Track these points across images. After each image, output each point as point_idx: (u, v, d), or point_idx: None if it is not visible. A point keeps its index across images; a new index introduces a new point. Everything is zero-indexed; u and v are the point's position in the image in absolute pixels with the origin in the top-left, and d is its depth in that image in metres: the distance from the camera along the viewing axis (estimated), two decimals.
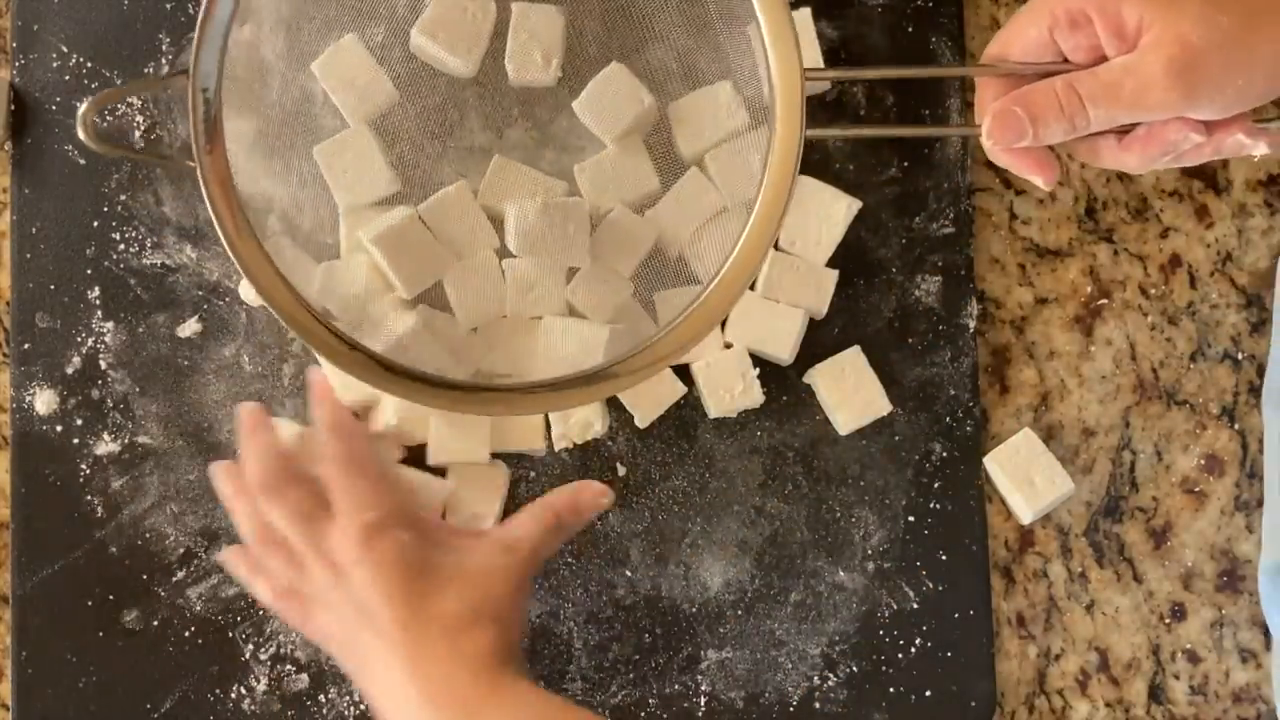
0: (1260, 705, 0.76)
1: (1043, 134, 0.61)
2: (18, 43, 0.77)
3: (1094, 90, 0.60)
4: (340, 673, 0.75)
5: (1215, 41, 0.58)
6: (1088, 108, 0.60)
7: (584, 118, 0.74)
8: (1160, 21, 0.58)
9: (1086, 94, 0.60)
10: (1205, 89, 0.58)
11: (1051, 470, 0.75)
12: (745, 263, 0.66)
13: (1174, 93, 0.58)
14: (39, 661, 0.75)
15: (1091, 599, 0.77)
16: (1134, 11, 0.59)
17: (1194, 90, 0.58)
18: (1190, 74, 0.58)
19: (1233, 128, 0.61)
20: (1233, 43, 0.58)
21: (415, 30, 0.73)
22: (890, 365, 0.76)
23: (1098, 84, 0.60)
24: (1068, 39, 0.61)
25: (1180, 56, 0.58)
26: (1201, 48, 0.58)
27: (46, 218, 0.77)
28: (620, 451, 0.76)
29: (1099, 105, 0.60)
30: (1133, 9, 0.59)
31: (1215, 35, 0.58)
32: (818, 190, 0.75)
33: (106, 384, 0.76)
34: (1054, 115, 0.61)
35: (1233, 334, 0.78)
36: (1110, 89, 0.59)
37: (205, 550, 0.75)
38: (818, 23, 0.76)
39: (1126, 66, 0.59)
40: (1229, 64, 0.58)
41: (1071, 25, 0.61)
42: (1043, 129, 0.61)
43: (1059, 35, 0.61)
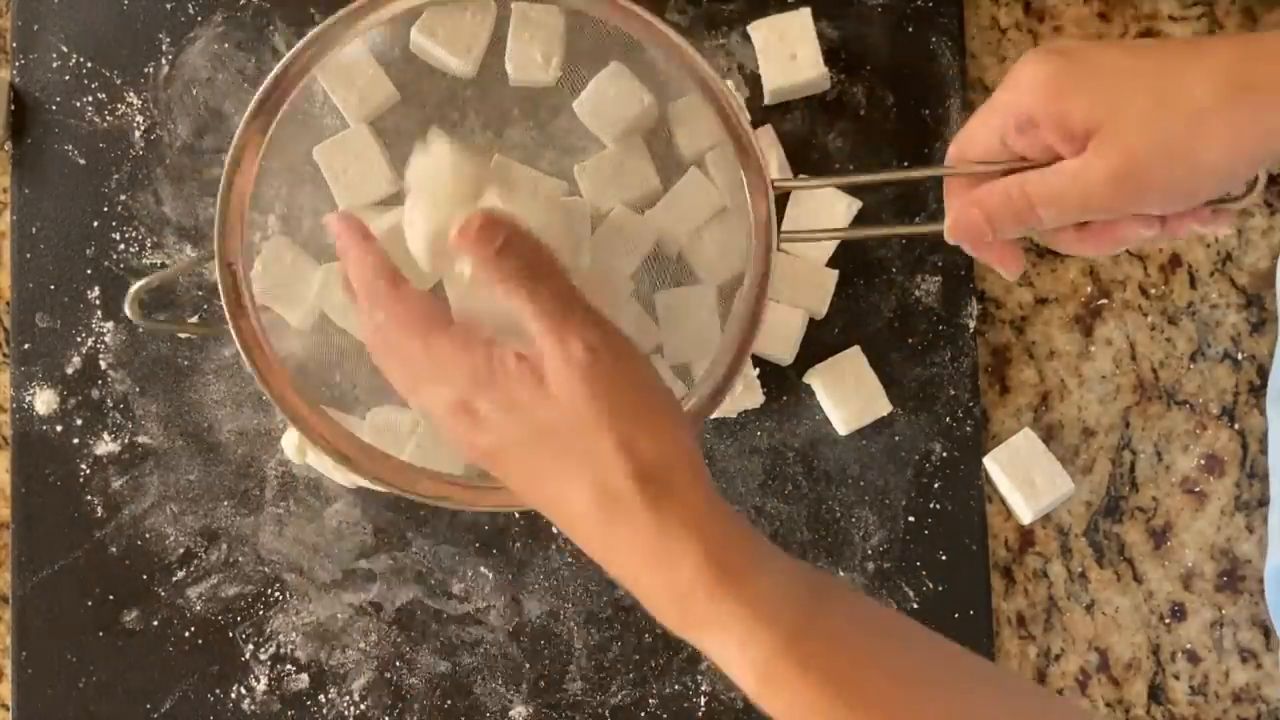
0: (1260, 705, 0.76)
1: (1000, 233, 0.62)
2: (18, 43, 0.78)
3: (1042, 193, 0.61)
4: (340, 672, 0.75)
5: (1160, 151, 0.58)
6: (1038, 209, 0.61)
7: (584, 118, 0.74)
8: (1106, 126, 0.58)
9: (1036, 196, 0.61)
10: (1149, 193, 0.59)
11: (1051, 470, 0.75)
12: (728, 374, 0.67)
13: (1118, 198, 0.59)
14: (39, 661, 0.75)
15: (1091, 599, 0.77)
16: (1080, 115, 0.59)
17: (1138, 195, 0.59)
18: (1133, 181, 0.58)
19: (1185, 220, 0.61)
20: (1179, 151, 0.58)
21: (415, 30, 0.73)
22: (890, 365, 0.76)
23: (1045, 187, 0.61)
24: (1018, 141, 0.62)
25: (1123, 166, 0.58)
26: (1145, 159, 0.58)
27: (46, 218, 0.77)
28: None
29: (1048, 207, 0.61)
30: (1079, 112, 0.59)
31: (1160, 144, 0.58)
32: (818, 190, 0.75)
33: (106, 384, 0.76)
34: (1008, 217, 0.62)
35: (1233, 334, 0.78)
36: (1057, 193, 0.60)
37: (205, 550, 0.75)
38: (818, 23, 0.76)
39: (1073, 171, 0.60)
40: (1172, 169, 0.58)
41: (1019, 130, 0.61)
42: (999, 228, 0.62)
43: (1009, 139, 0.62)
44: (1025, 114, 0.61)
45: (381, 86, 0.74)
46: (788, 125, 0.77)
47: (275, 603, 0.75)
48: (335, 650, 0.75)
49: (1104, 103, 0.59)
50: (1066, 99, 0.59)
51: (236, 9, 0.78)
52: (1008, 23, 0.79)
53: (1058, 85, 0.60)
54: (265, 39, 0.78)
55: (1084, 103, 0.59)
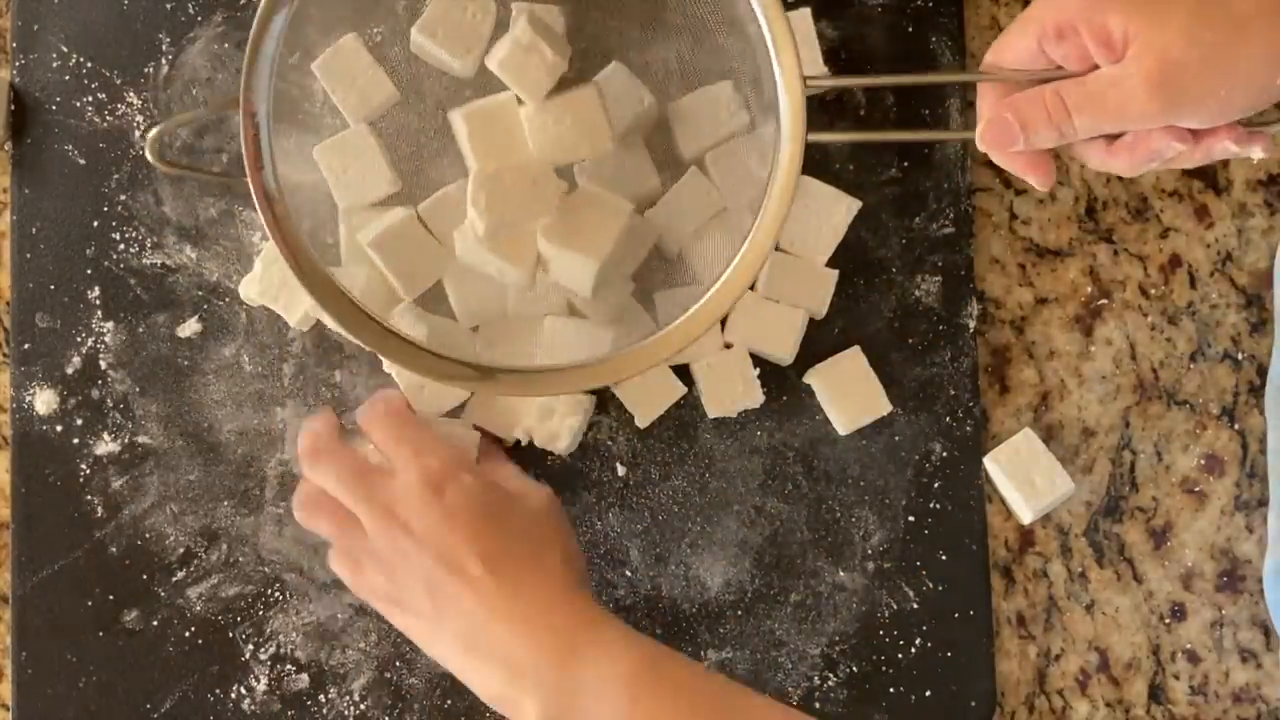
0: (1260, 705, 0.76)
1: (1033, 140, 0.63)
2: (18, 43, 0.77)
3: (1079, 100, 0.61)
4: (340, 672, 0.75)
5: (1197, 56, 0.58)
6: (1074, 117, 0.61)
7: None
8: (1144, 34, 0.59)
9: (1072, 104, 0.61)
10: (1186, 102, 0.59)
11: (1051, 470, 0.75)
12: (749, 264, 0.68)
13: (1154, 105, 0.59)
14: (39, 661, 0.75)
15: (1091, 599, 0.77)
16: (1119, 23, 0.60)
17: (1175, 103, 0.59)
18: (1170, 88, 0.59)
19: (1220, 135, 0.62)
20: (1215, 57, 0.58)
21: (415, 30, 0.73)
22: (890, 365, 0.76)
23: (1083, 94, 0.61)
24: (1056, 49, 0.62)
25: (1160, 70, 0.59)
26: (1183, 62, 0.58)
27: (46, 218, 0.77)
28: (620, 451, 0.76)
29: (1084, 115, 0.61)
30: (1118, 20, 0.60)
31: (1197, 50, 0.58)
32: (818, 190, 0.75)
33: (106, 384, 0.76)
34: (1043, 123, 0.62)
35: (1233, 334, 0.78)
36: (1094, 100, 0.61)
37: (205, 550, 0.75)
38: (818, 23, 0.76)
39: (1110, 78, 0.60)
40: (1210, 78, 0.59)
41: (1059, 36, 0.62)
42: (1032, 135, 0.63)
43: (1047, 46, 0.63)
44: (1065, 20, 0.61)
45: (381, 86, 0.74)
46: None
47: (275, 603, 0.75)
48: (335, 650, 0.75)
49: (1144, 10, 0.59)
50: (1106, 6, 0.60)
51: (236, 9, 0.78)
52: (1007, 22, 0.79)
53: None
54: None
55: (1124, 10, 0.59)
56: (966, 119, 0.77)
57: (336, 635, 0.75)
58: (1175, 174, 0.79)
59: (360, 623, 0.75)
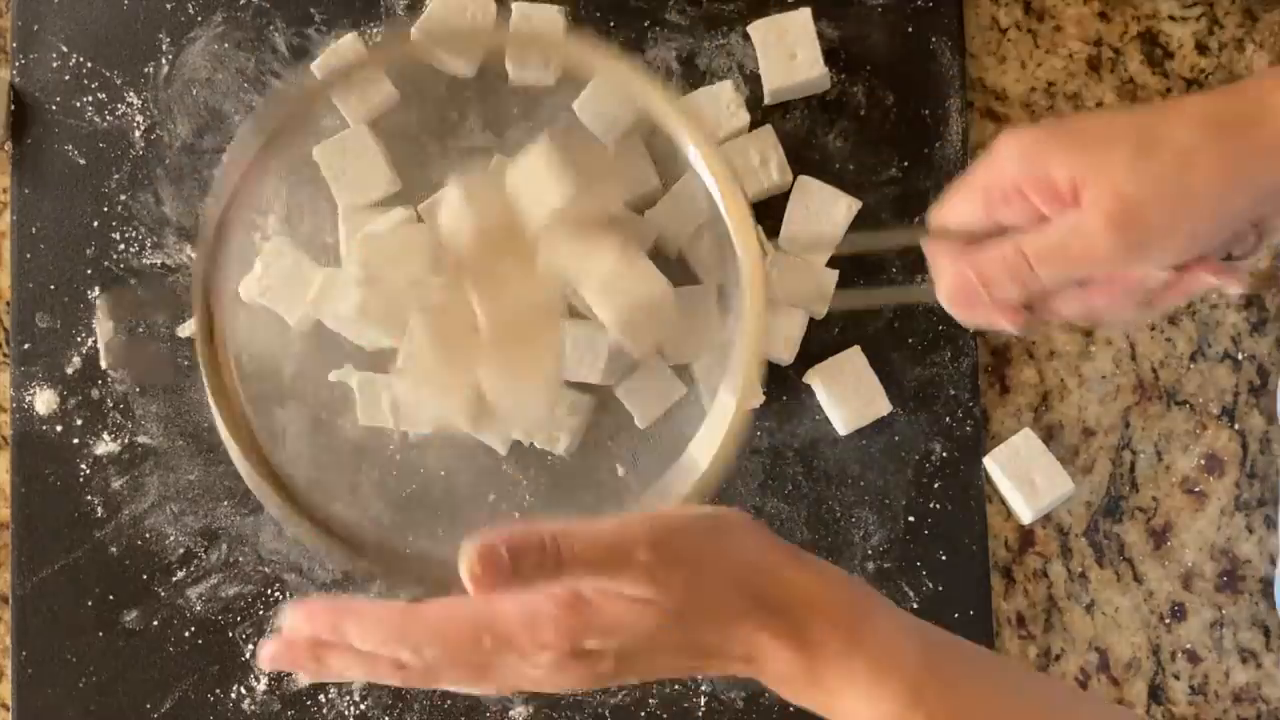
0: (1260, 705, 0.76)
1: (998, 296, 0.61)
2: (18, 43, 0.78)
3: (1041, 251, 0.59)
4: None
5: (1151, 189, 0.57)
6: (1037, 269, 0.59)
7: (584, 118, 0.74)
8: (1093, 176, 0.57)
9: (1034, 256, 0.59)
10: (1152, 239, 0.57)
11: (1051, 470, 0.75)
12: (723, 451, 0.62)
13: (1120, 247, 0.57)
14: (39, 661, 0.75)
15: (1091, 599, 0.77)
16: (1063, 172, 0.58)
17: (1140, 242, 0.57)
18: (1132, 227, 0.57)
19: (1196, 270, 0.60)
20: (1169, 188, 0.57)
21: (415, 30, 0.73)
22: (890, 365, 0.76)
23: (1045, 245, 0.59)
24: (1004, 212, 0.61)
25: (1120, 211, 0.57)
26: (1139, 199, 0.57)
27: (46, 218, 0.77)
28: (620, 451, 0.76)
29: (1048, 265, 0.59)
30: (1061, 170, 0.58)
31: (1149, 182, 0.57)
32: (818, 190, 0.75)
33: (106, 384, 0.76)
34: (1005, 280, 0.60)
35: (1233, 334, 0.78)
36: (1057, 250, 0.59)
37: (205, 550, 0.75)
38: (818, 23, 0.76)
39: (1072, 226, 0.58)
40: (1170, 210, 0.57)
41: (1004, 200, 0.60)
42: (996, 291, 0.61)
43: (995, 211, 0.61)
44: (1009, 183, 0.60)
45: (381, 86, 0.74)
46: (788, 125, 0.77)
47: (275, 603, 0.75)
48: None
49: (1086, 155, 0.58)
50: (1047, 160, 0.58)
51: (236, 9, 0.78)
52: (1008, 23, 0.79)
53: (1036, 150, 0.59)
54: (265, 39, 0.78)
55: (1066, 159, 0.58)
56: (966, 119, 0.77)
57: None
58: None
59: None
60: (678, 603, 0.54)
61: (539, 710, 0.75)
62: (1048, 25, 0.79)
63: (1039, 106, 0.79)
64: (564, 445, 0.74)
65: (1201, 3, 0.79)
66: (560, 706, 0.75)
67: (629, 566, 0.53)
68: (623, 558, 0.53)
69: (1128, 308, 0.62)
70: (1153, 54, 0.79)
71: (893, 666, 0.54)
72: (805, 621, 0.55)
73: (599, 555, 0.53)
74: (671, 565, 0.53)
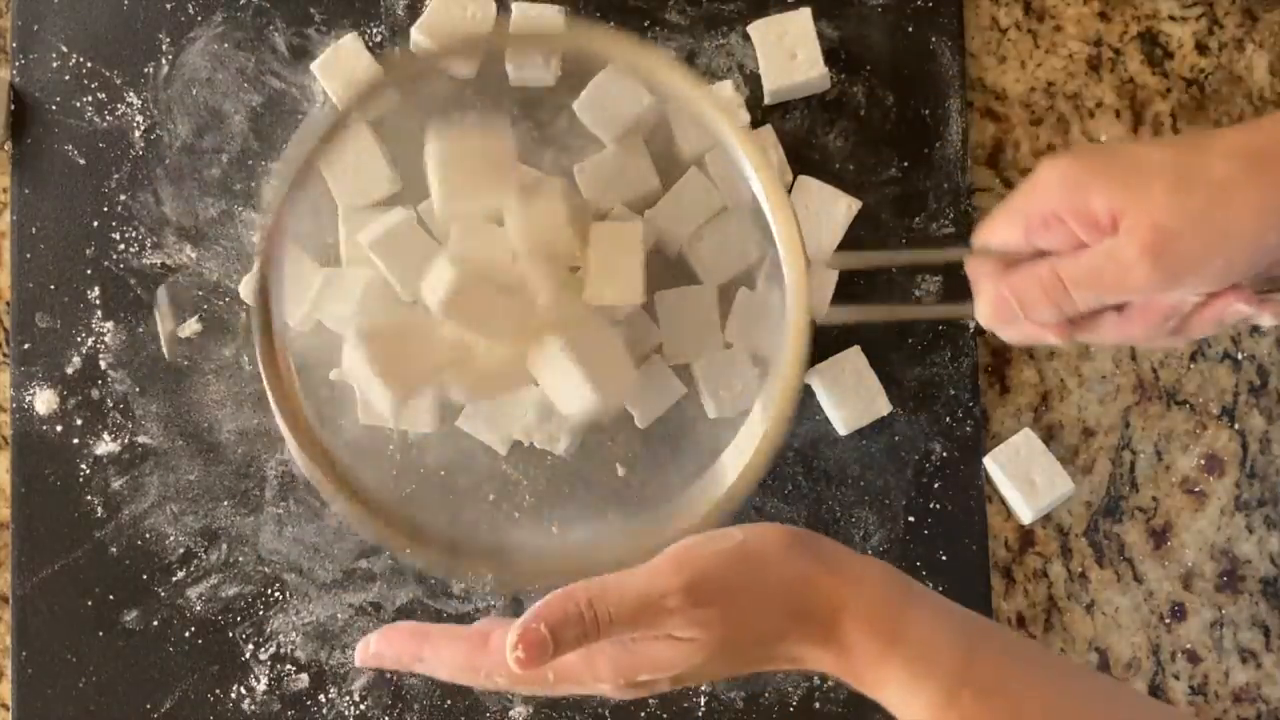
0: (1260, 705, 0.76)
1: (1032, 317, 0.63)
2: (18, 43, 0.78)
3: (1077, 276, 0.61)
4: (340, 672, 0.75)
5: (1187, 223, 0.58)
6: (1072, 292, 0.61)
7: (584, 118, 0.74)
8: (1132, 207, 0.59)
9: (1070, 279, 0.61)
10: (1186, 269, 0.59)
11: (1051, 470, 0.75)
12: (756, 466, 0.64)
13: (1156, 274, 0.59)
14: (39, 661, 0.75)
15: (1091, 599, 0.77)
16: (1103, 203, 0.59)
17: (1174, 272, 0.59)
18: (1167, 256, 0.58)
19: (1228, 298, 0.61)
20: (1205, 222, 0.58)
21: (415, 30, 0.73)
22: (890, 365, 0.76)
23: (1080, 269, 0.61)
24: (1043, 238, 0.62)
25: (1155, 241, 0.58)
26: (1175, 229, 0.58)
27: (46, 218, 0.77)
28: (620, 451, 0.76)
29: (1083, 290, 0.61)
30: (1101, 201, 0.60)
31: (1186, 216, 0.58)
32: (818, 190, 0.75)
33: (106, 384, 0.76)
34: (1041, 301, 0.62)
35: (1233, 334, 0.78)
36: (1093, 274, 0.60)
37: (205, 550, 0.75)
38: (818, 23, 0.76)
39: (1107, 251, 0.60)
40: (1205, 243, 0.58)
41: (1044, 226, 0.62)
42: (1031, 312, 0.62)
43: (1034, 236, 0.62)
44: (1048, 211, 0.61)
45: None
46: (788, 125, 0.77)
47: (275, 603, 0.75)
48: (335, 650, 0.75)
49: (1126, 188, 0.59)
50: (1087, 190, 0.60)
51: (236, 9, 0.78)
52: (1008, 23, 0.79)
53: (1076, 179, 0.61)
54: (265, 39, 0.78)
55: (1105, 191, 0.60)
56: (966, 119, 0.77)
57: (336, 635, 0.75)
58: None
59: (360, 623, 0.75)
60: (718, 635, 0.57)
61: (539, 710, 0.75)
62: (1048, 25, 0.79)
63: (1039, 106, 0.79)
64: (564, 445, 0.74)
65: (1201, 3, 0.79)
66: (560, 706, 0.75)
67: (664, 615, 0.56)
68: (657, 610, 0.56)
69: (1161, 334, 0.63)
70: (1153, 54, 0.79)
71: (928, 669, 0.57)
72: (842, 628, 0.57)
73: (634, 612, 0.56)
74: (706, 604, 0.57)
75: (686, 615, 0.57)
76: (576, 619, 0.56)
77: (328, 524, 0.76)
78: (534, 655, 0.56)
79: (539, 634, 0.56)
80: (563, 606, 0.56)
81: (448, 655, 0.60)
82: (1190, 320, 0.62)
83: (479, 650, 0.59)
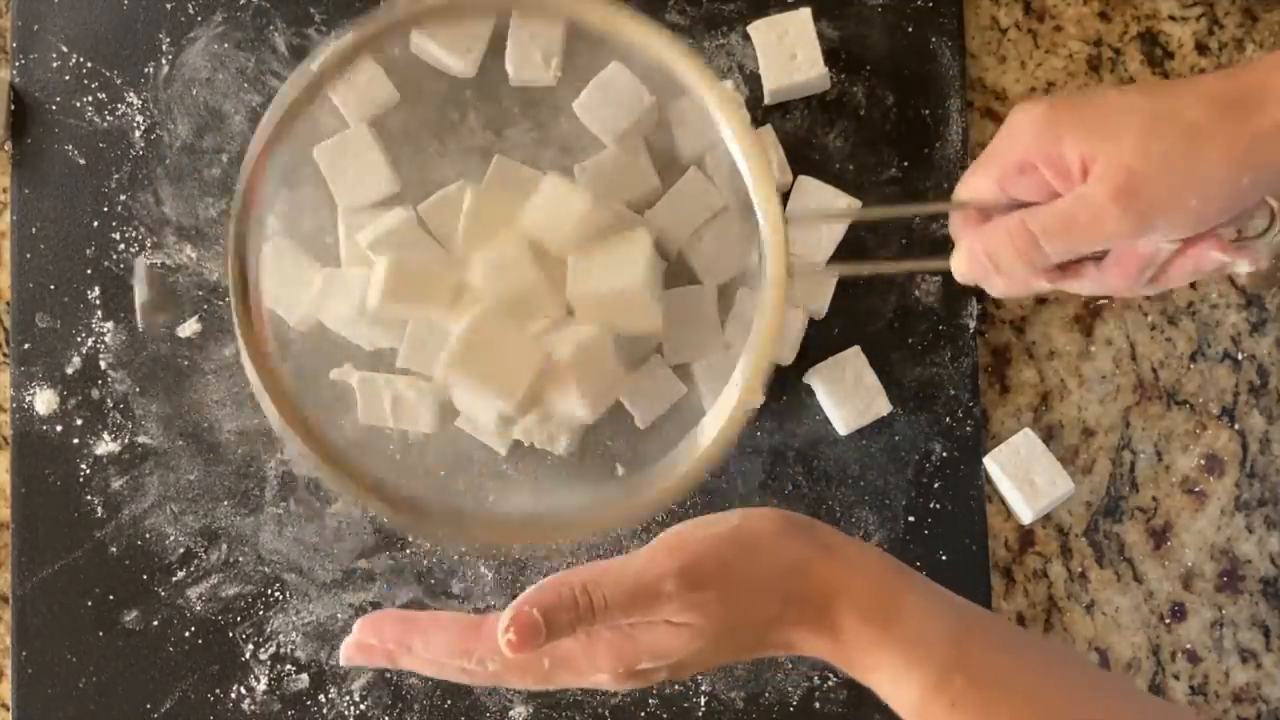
0: (1260, 705, 0.76)
1: (1004, 271, 0.63)
2: (18, 43, 0.78)
3: (1048, 224, 0.61)
4: (340, 672, 0.75)
5: (1157, 165, 0.58)
6: (1043, 243, 0.61)
7: (584, 118, 0.74)
8: (1102, 154, 0.59)
9: (1040, 229, 0.61)
10: (1156, 212, 0.59)
11: (1051, 470, 0.75)
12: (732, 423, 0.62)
13: (1126, 218, 0.59)
14: (39, 661, 0.75)
15: (1091, 599, 0.77)
16: (1074, 150, 0.60)
17: (1145, 214, 0.59)
18: (1137, 199, 0.59)
19: (1204, 245, 0.61)
20: (1175, 164, 0.58)
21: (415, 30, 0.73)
22: (890, 365, 0.76)
23: (1050, 219, 0.61)
24: (1018, 186, 0.62)
25: (1125, 183, 0.59)
26: (1145, 172, 0.58)
27: (46, 218, 0.77)
28: (620, 451, 0.76)
29: (1054, 239, 0.61)
30: (1072, 148, 0.60)
31: (1156, 159, 0.58)
32: (818, 190, 0.75)
33: (106, 384, 0.76)
34: (1011, 255, 0.62)
35: (1233, 334, 0.78)
36: (1064, 221, 0.61)
37: (205, 550, 0.75)
38: (818, 23, 0.76)
39: (1078, 198, 0.60)
40: (1175, 185, 0.59)
41: (1019, 173, 0.62)
42: (1003, 266, 0.63)
43: (1009, 184, 0.63)
44: (1022, 158, 0.61)
45: (381, 86, 0.74)
46: (788, 125, 0.77)
47: (275, 603, 0.75)
48: (335, 650, 0.75)
49: (1097, 132, 0.60)
50: (1060, 136, 0.60)
51: (236, 9, 0.78)
52: (1008, 23, 0.79)
53: (1051, 126, 0.61)
54: (265, 39, 0.78)
55: (1077, 136, 0.60)
56: (966, 119, 0.77)
57: (336, 635, 0.75)
58: None
59: None
60: (714, 620, 0.57)
61: (539, 710, 0.75)
62: (1048, 25, 0.79)
63: None
64: (564, 445, 0.74)
65: (1201, 3, 0.79)
66: (560, 706, 0.75)
67: (661, 600, 0.56)
68: (653, 594, 0.56)
69: (1139, 284, 0.63)
70: (1153, 54, 0.79)
71: (921, 655, 0.57)
72: (836, 614, 0.58)
73: (629, 597, 0.56)
74: (702, 587, 0.57)
75: (683, 599, 0.56)
76: (570, 603, 0.56)
77: (328, 524, 0.76)
78: (526, 638, 0.55)
79: (531, 617, 0.55)
80: (556, 591, 0.56)
81: (440, 641, 0.59)
82: (1167, 269, 0.62)
83: (472, 635, 0.58)
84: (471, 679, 0.59)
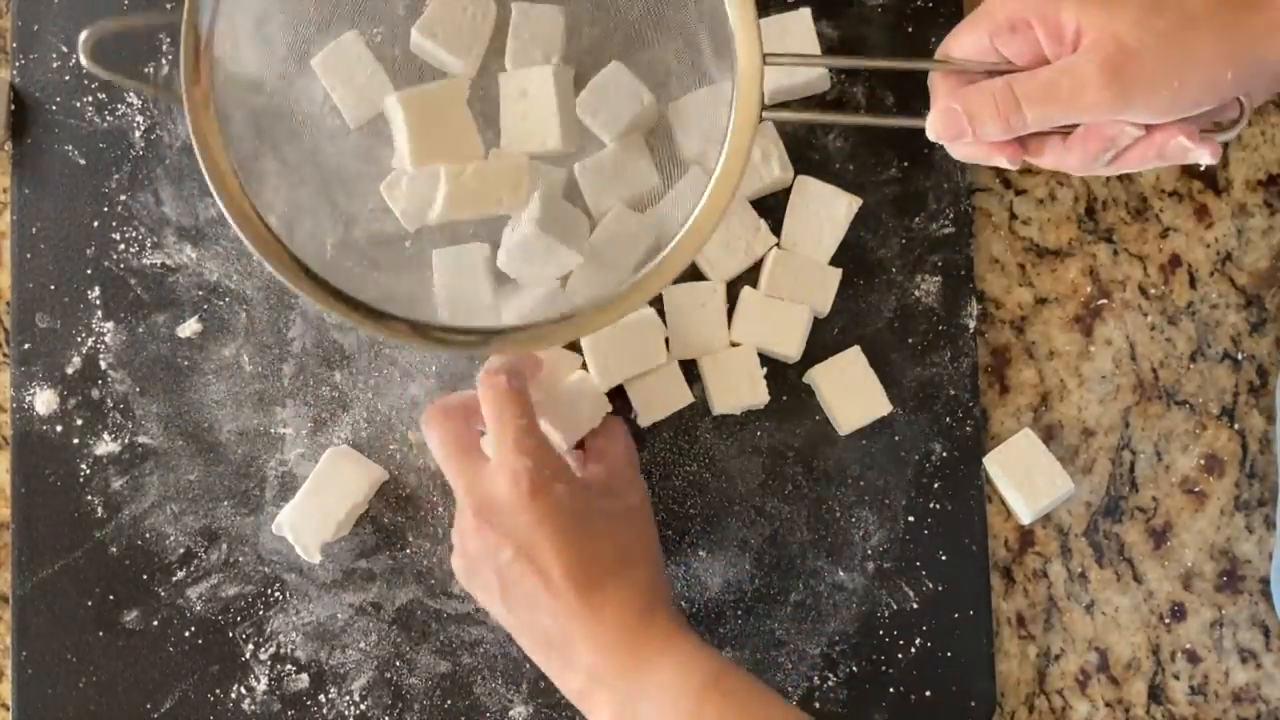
0: (1260, 705, 0.76)
1: (980, 132, 0.63)
2: (18, 43, 0.78)
3: (1031, 91, 0.61)
4: (340, 672, 0.75)
5: (1150, 43, 0.59)
6: (1024, 108, 0.61)
7: (584, 117, 0.74)
8: (1097, 24, 0.60)
9: (1023, 94, 0.61)
10: (1139, 89, 0.60)
11: (1051, 470, 0.75)
12: (707, 216, 0.67)
13: (1108, 93, 0.60)
14: (39, 661, 0.75)
15: (1091, 599, 0.77)
16: (1071, 16, 0.60)
17: (1128, 90, 0.60)
18: (1124, 74, 0.59)
19: (1172, 130, 0.62)
20: (1167, 45, 0.59)
21: (415, 30, 0.73)
22: (890, 365, 0.76)
23: (1035, 85, 0.61)
24: (1008, 44, 0.63)
25: (1115, 57, 0.59)
26: (1136, 48, 0.59)
27: (46, 218, 0.77)
28: None
29: (1035, 106, 0.61)
30: (1070, 13, 0.60)
31: (1150, 37, 0.59)
32: (818, 189, 0.76)
33: (106, 384, 0.76)
34: (990, 115, 0.62)
35: (1233, 334, 0.78)
36: (1047, 89, 0.61)
37: (205, 550, 0.75)
38: (818, 23, 0.76)
39: (1064, 67, 0.61)
40: (1162, 66, 0.59)
41: (1011, 30, 0.62)
42: (980, 127, 0.63)
43: (999, 41, 0.63)
44: (1018, 14, 0.62)
45: (382, 86, 0.74)
46: (788, 125, 0.77)
47: (275, 603, 0.75)
48: (335, 650, 0.75)
49: (1097, 6, 0.60)
50: (1061, 2, 0.61)
51: None
52: None
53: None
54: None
55: (1077, 7, 0.60)
56: None
57: (336, 635, 0.75)
58: (1175, 174, 0.79)
59: (360, 623, 0.75)
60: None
61: (538, 710, 0.75)
62: None
63: None
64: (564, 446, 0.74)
65: None
66: (560, 706, 0.75)
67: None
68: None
69: (1097, 165, 0.64)
70: None
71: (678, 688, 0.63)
72: None
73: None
74: None
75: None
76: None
77: None
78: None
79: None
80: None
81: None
82: (1129, 152, 0.63)
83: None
84: None
